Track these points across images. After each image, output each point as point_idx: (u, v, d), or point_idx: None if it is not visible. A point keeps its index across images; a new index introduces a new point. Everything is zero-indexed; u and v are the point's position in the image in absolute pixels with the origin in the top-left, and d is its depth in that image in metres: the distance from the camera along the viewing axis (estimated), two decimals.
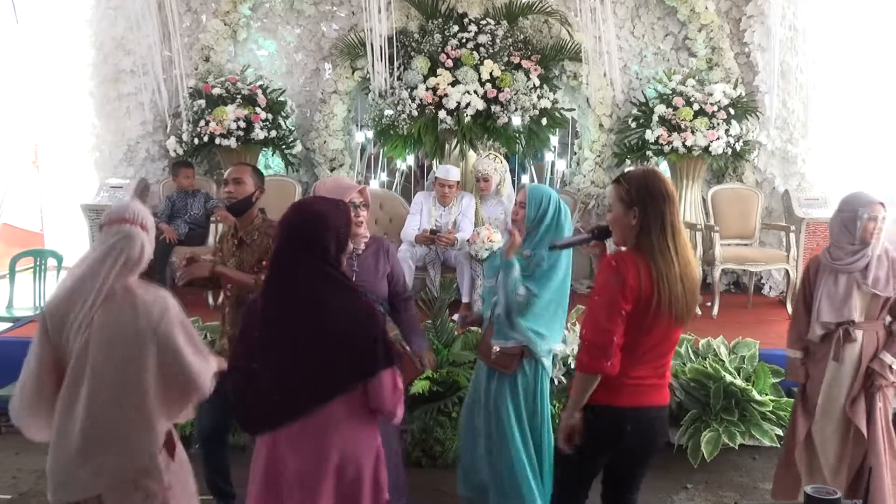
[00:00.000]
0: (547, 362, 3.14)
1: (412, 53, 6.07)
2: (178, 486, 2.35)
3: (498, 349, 3.08)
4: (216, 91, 6.04)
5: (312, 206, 2.32)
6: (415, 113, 5.92)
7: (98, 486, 2.21)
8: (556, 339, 3.18)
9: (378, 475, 2.31)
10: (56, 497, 2.26)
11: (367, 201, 2.99)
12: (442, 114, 5.86)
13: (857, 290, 3.19)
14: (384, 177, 6.98)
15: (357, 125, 6.81)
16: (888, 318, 3.27)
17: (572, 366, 3.89)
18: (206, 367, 2.29)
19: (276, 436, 2.22)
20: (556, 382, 3.92)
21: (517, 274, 3.01)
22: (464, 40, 6.03)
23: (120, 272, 2.23)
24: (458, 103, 5.85)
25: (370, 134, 6.44)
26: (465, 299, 5.05)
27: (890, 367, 3.19)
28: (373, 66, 5.88)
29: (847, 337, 3.20)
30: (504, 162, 5.45)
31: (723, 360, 4.41)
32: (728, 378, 4.20)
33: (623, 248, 2.44)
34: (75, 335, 2.24)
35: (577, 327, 4.09)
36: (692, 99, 5.98)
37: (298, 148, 6.50)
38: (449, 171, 5.31)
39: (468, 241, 5.03)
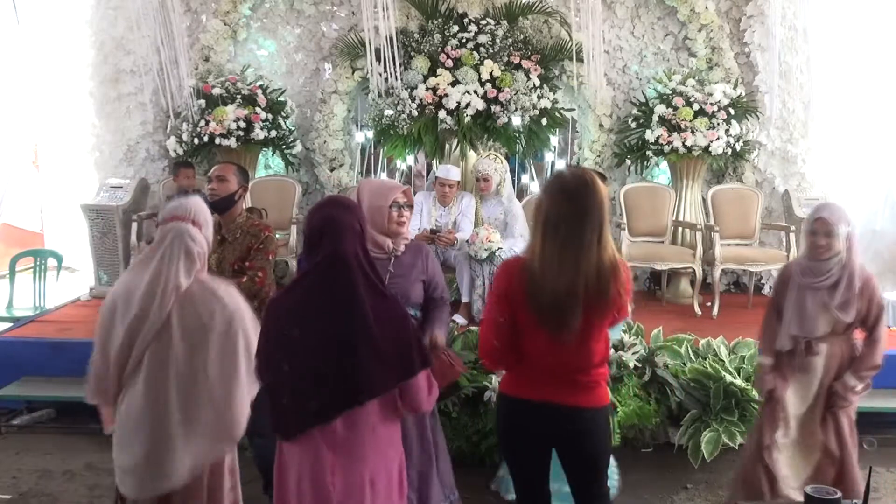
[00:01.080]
0: None
1: (412, 53, 6.07)
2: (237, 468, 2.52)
3: None
4: (216, 91, 6.04)
5: (331, 208, 2.29)
6: (415, 113, 5.92)
7: (178, 479, 2.29)
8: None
9: (402, 479, 2.31)
10: (147, 488, 2.33)
11: (412, 202, 2.96)
12: (442, 114, 5.86)
13: (825, 309, 3.10)
14: (384, 177, 6.98)
15: (357, 125, 6.81)
16: (857, 338, 3.18)
17: None
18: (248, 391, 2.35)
19: (303, 446, 2.16)
20: None
21: None
22: (464, 40, 6.03)
23: (179, 269, 2.32)
24: (458, 103, 5.85)
25: (370, 134, 6.44)
26: (464, 299, 5.05)
27: (853, 389, 3.12)
28: (372, 65, 5.88)
29: (809, 350, 3.13)
30: (504, 162, 5.45)
31: (723, 360, 4.40)
32: (728, 378, 4.20)
33: None
34: (147, 332, 2.30)
35: None
36: (692, 99, 5.98)
37: (298, 148, 6.50)
38: (449, 171, 5.31)
39: (468, 241, 5.03)
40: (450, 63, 5.96)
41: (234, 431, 2.34)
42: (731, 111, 5.99)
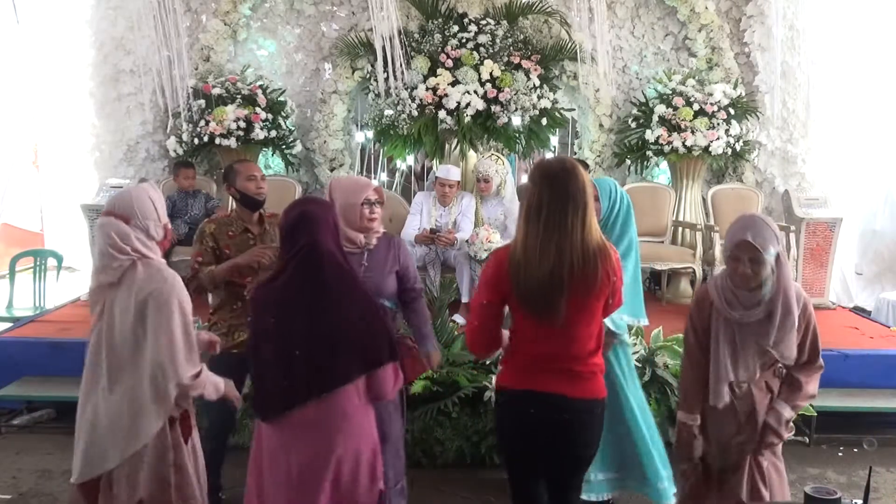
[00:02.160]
0: (625, 336, 3.26)
1: (412, 53, 6.07)
2: (190, 469, 2.53)
3: None
4: (216, 91, 6.04)
5: (306, 205, 2.45)
6: (415, 113, 5.92)
7: (115, 459, 2.42)
8: (641, 313, 3.23)
9: (375, 466, 2.37)
10: (84, 472, 2.45)
11: (383, 198, 3.03)
12: (442, 114, 5.86)
13: (759, 349, 2.57)
14: (384, 177, 6.99)
15: (357, 125, 6.81)
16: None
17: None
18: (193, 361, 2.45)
19: (281, 428, 2.29)
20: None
21: None
22: (464, 40, 6.03)
23: (100, 261, 2.46)
24: (458, 103, 5.85)
25: (370, 134, 6.44)
26: (464, 299, 5.05)
27: (787, 421, 2.64)
28: (382, 65, 5.86)
29: (734, 394, 2.61)
30: (506, 163, 5.45)
31: None
32: None
33: None
34: (98, 318, 2.47)
35: None
36: (692, 99, 5.98)
37: (298, 148, 6.50)
38: (449, 171, 5.31)
39: (467, 241, 5.04)
40: (450, 63, 5.96)
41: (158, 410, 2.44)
42: (731, 111, 5.99)
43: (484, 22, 6.12)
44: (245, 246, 3.34)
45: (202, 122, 5.96)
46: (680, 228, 6.23)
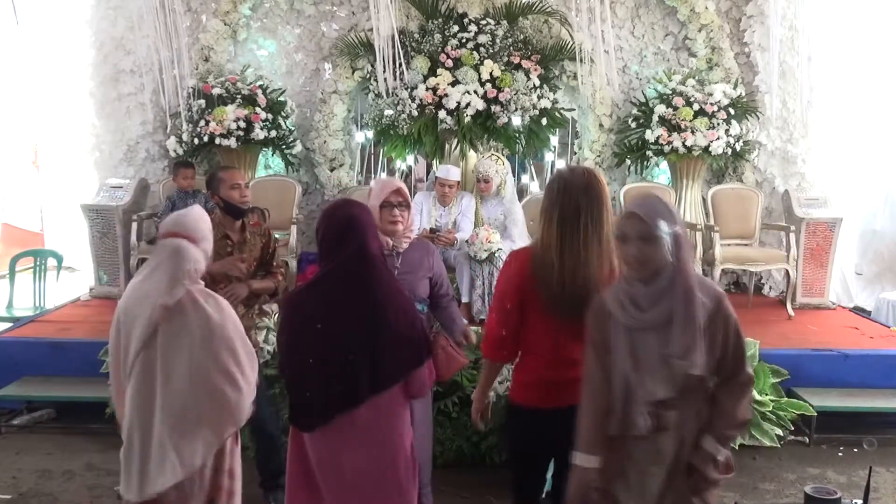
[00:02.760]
0: None
1: (412, 53, 6.07)
2: (238, 473, 2.58)
3: None
4: (216, 91, 6.03)
5: (352, 208, 2.45)
6: (415, 113, 5.91)
7: (176, 476, 2.36)
8: None
9: (415, 459, 2.46)
10: (141, 492, 2.37)
11: (407, 200, 3.04)
12: (442, 114, 5.86)
13: (662, 360, 2.04)
14: (384, 177, 6.98)
15: (357, 125, 6.80)
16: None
17: None
18: (246, 391, 2.43)
19: (328, 436, 2.31)
20: None
21: None
22: (464, 40, 6.03)
23: (164, 287, 2.38)
24: (458, 103, 5.84)
25: (370, 134, 6.44)
26: (464, 299, 5.05)
27: (714, 459, 2.08)
28: (381, 65, 5.85)
29: (657, 425, 2.05)
30: (506, 163, 5.44)
31: None
32: None
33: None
34: (137, 342, 2.38)
35: None
36: (692, 99, 5.98)
37: (298, 148, 6.50)
38: (449, 171, 5.31)
39: (467, 241, 5.04)
40: (450, 63, 5.95)
41: (217, 433, 2.42)
42: (731, 111, 5.98)
43: (484, 22, 6.12)
44: (223, 252, 3.35)
45: (202, 122, 5.96)
46: None
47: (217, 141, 5.92)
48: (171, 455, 2.34)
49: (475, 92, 5.87)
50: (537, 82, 6.07)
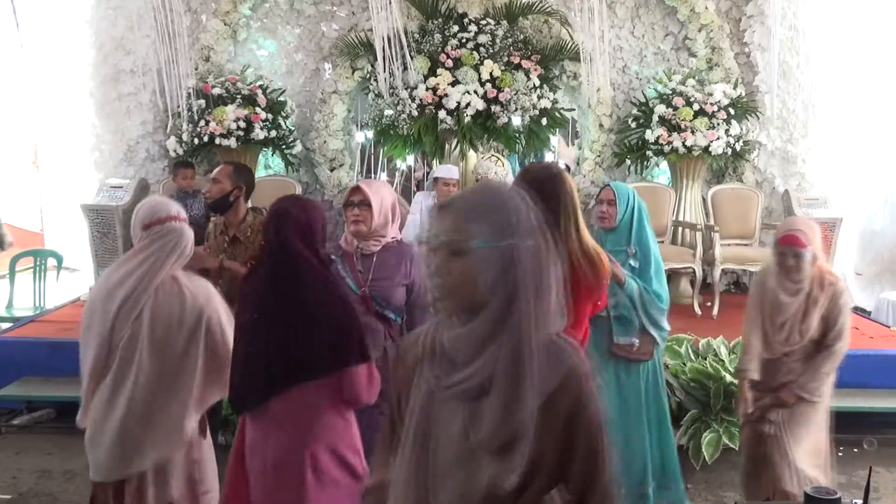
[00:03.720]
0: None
1: (412, 53, 6.07)
2: (207, 463, 2.59)
3: (638, 341, 3.19)
4: (216, 91, 6.04)
5: (287, 203, 2.47)
6: (415, 113, 5.92)
7: (139, 465, 2.42)
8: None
9: (355, 464, 2.38)
10: (97, 475, 2.46)
11: (367, 199, 2.82)
12: (442, 114, 5.86)
13: None
14: (384, 177, 6.98)
15: (357, 125, 6.81)
16: None
17: None
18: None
19: (258, 420, 2.34)
20: None
21: (635, 286, 3.12)
22: (464, 40, 6.03)
23: (174, 265, 2.46)
24: (458, 103, 5.85)
25: (370, 134, 6.44)
26: None
27: None
28: (382, 65, 5.85)
29: None
30: (506, 164, 5.45)
31: (723, 360, 4.40)
32: (728, 378, 4.20)
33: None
34: (121, 326, 2.40)
35: None
36: (692, 99, 5.98)
37: (298, 148, 6.50)
38: (451, 170, 5.34)
39: None
40: (450, 63, 5.96)
41: (205, 402, 2.52)
42: (731, 111, 5.98)
43: (484, 22, 6.13)
44: (220, 248, 3.45)
45: (202, 122, 5.96)
46: (680, 228, 6.23)
47: (217, 141, 5.92)
48: (178, 422, 2.42)
49: (475, 92, 5.87)
50: (537, 82, 6.07)
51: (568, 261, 2.25)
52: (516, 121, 5.94)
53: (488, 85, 5.91)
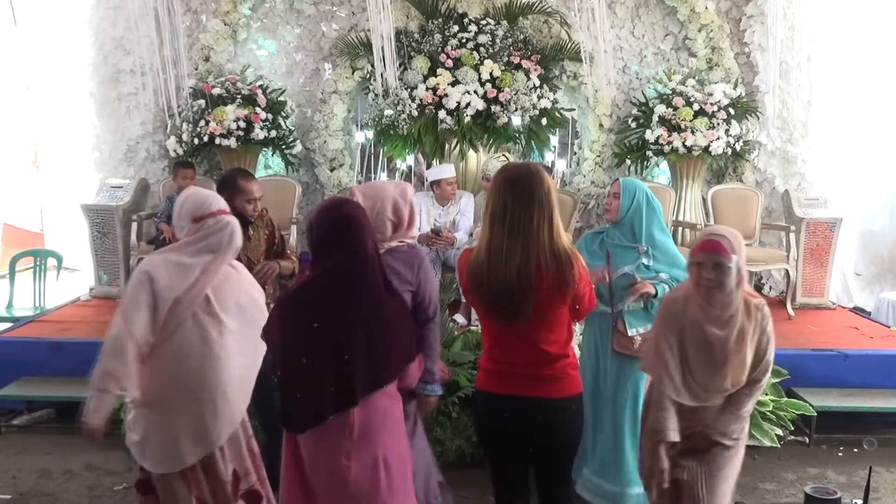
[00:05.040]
0: None
1: (412, 53, 6.07)
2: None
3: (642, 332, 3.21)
4: (216, 91, 6.03)
5: (350, 208, 2.45)
6: (415, 113, 5.92)
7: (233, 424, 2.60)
8: None
9: (409, 458, 2.46)
10: (170, 465, 2.53)
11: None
12: (442, 114, 5.86)
13: None
14: (384, 177, 6.98)
15: (357, 125, 6.80)
16: None
17: None
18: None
19: (320, 437, 2.29)
20: None
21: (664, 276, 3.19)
22: (464, 40, 6.03)
23: (233, 254, 2.61)
24: (458, 103, 5.85)
25: (370, 134, 6.44)
26: (465, 299, 5.06)
27: None
28: (380, 65, 5.85)
29: None
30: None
31: None
32: None
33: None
34: (185, 312, 2.48)
35: None
36: (692, 99, 5.98)
37: (298, 148, 6.50)
38: (450, 169, 5.38)
39: (470, 234, 5.06)
40: (450, 63, 5.96)
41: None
42: (731, 111, 5.98)
43: (484, 22, 6.12)
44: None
45: (202, 122, 5.95)
46: (680, 228, 6.23)
47: (217, 141, 5.92)
48: (231, 405, 2.55)
49: (475, 92, 5.87)
50: (537, 82, 6.07)
51: (535, 258, 2.28)
52: (516, 121, 5.94)
53: (488, 85, 5.91)
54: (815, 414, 4.37)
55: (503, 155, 5.54)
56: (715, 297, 2.42)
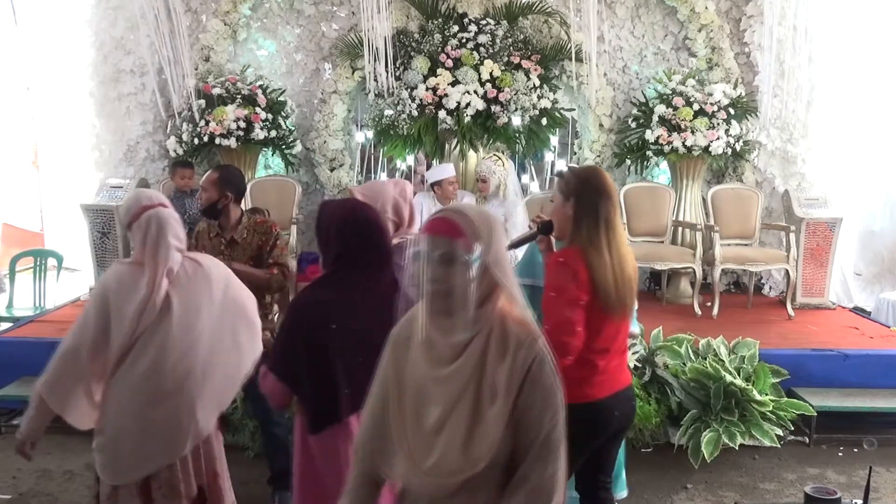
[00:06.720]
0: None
1: (412, 53, 6.07)
2: (222, 459, 2.62)
3: None
4: (216, 91, 6.04)
5: (368, 211, 2.42)
6: (415, 113, 5.92)
7: (194, 441, 2.46)
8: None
9: None
10: (129, 475, 2.44)
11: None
12: (442, 114, 5.86)
13: None
14: (384, 177, 6.98)
15: (357, 125, 6.81)
16: None
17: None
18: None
19: (337, 435, 2.28)
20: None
21: None
22: (464, 40, 6.03)
23: (172, 248, 2.44)
24: (458, 103, 5.85)
25: (370, 134, 6.44)
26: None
27: None
28: (374, 65, 5.86)
29: None
30: (507, 164, 5.45)
31: (723, 360, 4.40)
32: (728, 378, 4.20)
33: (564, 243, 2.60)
34: (137, 318, 2.40)
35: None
36: (692, 99, 5.98)
37: (298, 148, 6.50)
38: (450, 169, 5.38)
39: None
40: (450, 63, 5.96)
41: (226, 398, 2.57)
42: (731, 111, 5.98)
43: (484, 22, 6.13)
44: (216, 251, 3.46)
45: (202, 122, 5.96)
46: (680, 228, 6.23)
47: (217, 141, 5.92)
48: (197, 416, 2.42)
49: (475, 92, 5.87)
50: (537, 82, 6.07)
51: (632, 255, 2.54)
52: (516, 121, 5.94)
53: (488, 85, 5.91)
54: (815, 414, 4.37)
55: (495, 155, 5.53)
56: (437, 303, 1.52)
